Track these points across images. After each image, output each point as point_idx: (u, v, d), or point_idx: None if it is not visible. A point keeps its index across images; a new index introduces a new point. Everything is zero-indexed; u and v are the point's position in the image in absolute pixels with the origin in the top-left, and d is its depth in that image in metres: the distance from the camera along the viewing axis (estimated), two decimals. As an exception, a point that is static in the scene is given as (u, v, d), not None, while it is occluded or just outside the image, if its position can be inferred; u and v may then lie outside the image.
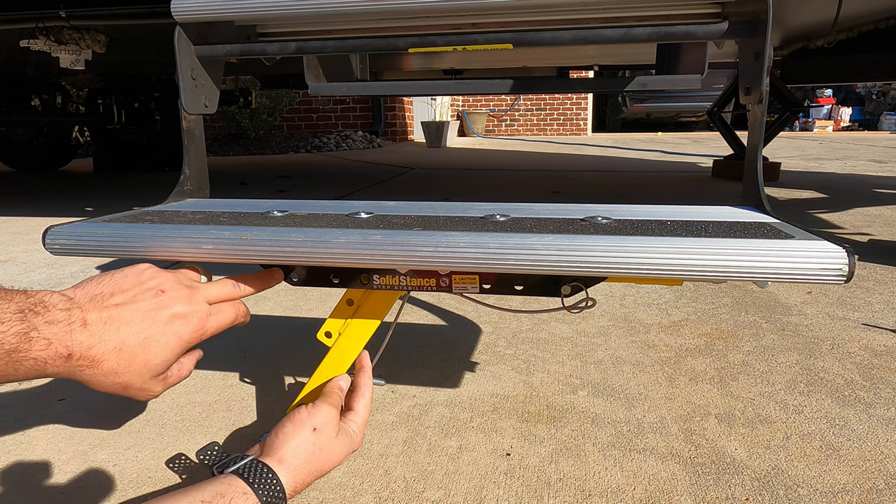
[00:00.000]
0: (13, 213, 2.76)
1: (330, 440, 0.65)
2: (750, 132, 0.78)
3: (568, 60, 2.24)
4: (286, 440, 0.62)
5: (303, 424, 0.64)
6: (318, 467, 0.63)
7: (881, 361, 1.07)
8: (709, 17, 0.89)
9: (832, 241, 0.55)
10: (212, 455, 0.66)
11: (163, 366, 0.59)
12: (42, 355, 0.50)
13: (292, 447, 0.61)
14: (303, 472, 0.61)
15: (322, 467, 0.64)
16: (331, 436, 0.65)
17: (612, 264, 0.57)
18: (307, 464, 0.62)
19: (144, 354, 0.57)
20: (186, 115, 0.89)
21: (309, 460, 0.62)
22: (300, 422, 0.64)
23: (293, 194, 3.25)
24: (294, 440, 0.62)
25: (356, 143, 7.06)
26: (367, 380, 0.76)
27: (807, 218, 2.40)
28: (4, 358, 0.48)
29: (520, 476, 0.75)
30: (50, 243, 0.70)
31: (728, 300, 1.41)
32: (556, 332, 1.22)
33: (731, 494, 0.71)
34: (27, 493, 0.74)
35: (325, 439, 0.64)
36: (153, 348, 0.57)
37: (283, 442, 0.62)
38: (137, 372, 0.57)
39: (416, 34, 0.92)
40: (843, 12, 2.03)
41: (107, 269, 1.88)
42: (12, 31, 2.25)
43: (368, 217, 0.77)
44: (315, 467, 0.63)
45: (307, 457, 0.62)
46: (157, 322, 0.58)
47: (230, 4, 0.87)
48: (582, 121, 9.23)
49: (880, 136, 8.36)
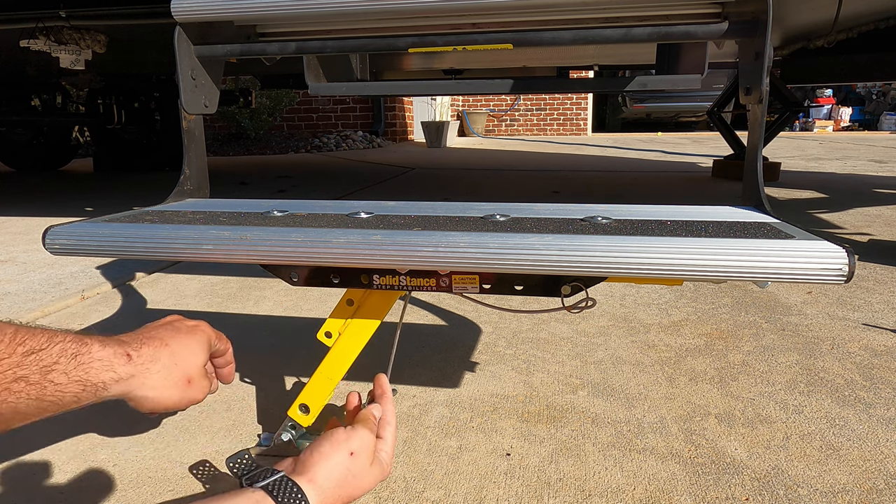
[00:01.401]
0: (13, 213, 2.76)
1: (365, 467, 0.62)
2: (750, 132, 0.78)
3: (568, 60, 2.24)
4: (321, 460, 0.59)
5: (339, 446, 0.61)
6: (349, 493, 0.60)
7: (881, 361, 1.07)
8: (709, 17, 0.89)
9: (832, 241, 0.55)
10: (242, 464, 0.64)
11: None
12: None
13: (326, 469, 0.59)
14: (332, 496, 0.59)
15: (352, 493, 0.61)
16: (366, 462, 0.63)
17: (612, 264, 0.57)
18: (338, 488, 0.59)
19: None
20: (186, 115, 0.89)
21: (341, 484, 0.59)
22: (337, 443, 0.61)
23: (293, 194, 3.25)
24: (329, 461, 0.60)
25: (356, 143, 7.06)
26: (390, 406, 0.73)
27: (807, 218, 2.40)
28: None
29: (520, 476, 0.75)
30: (50, 243, 0.70)
31: (728, 300, 1.41)
32: (556, 332, 1.22)
33: (731, 494, 0.71)
34: (27, 493, 0.74)
35: (361, 465, 0.62)
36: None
37: (317, 461, 0.59)
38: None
39: (416, 34, 0.92)
40: (843, 12, 2.03)
41: (107, 269, 1.87)
42: (12, 31, 2.25)
43: (368, 217, 0.77)
44: (345, 492, 0.60)
45: (339, 481, 0.59)
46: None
47: (230, 4, 0.87)
48: (582, 121, 9.23)
49: (880, 136, 8.35)
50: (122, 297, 1.51)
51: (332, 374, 0.78)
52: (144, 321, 0.69)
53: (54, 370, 0.51)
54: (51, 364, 0.51)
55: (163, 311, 1.39)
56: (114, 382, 0.56)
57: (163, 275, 1.71)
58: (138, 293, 1.54)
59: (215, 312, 1.38)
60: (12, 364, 0.48)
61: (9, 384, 0.48)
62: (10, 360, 0.48)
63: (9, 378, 0.48)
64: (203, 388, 0.68)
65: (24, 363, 0.49)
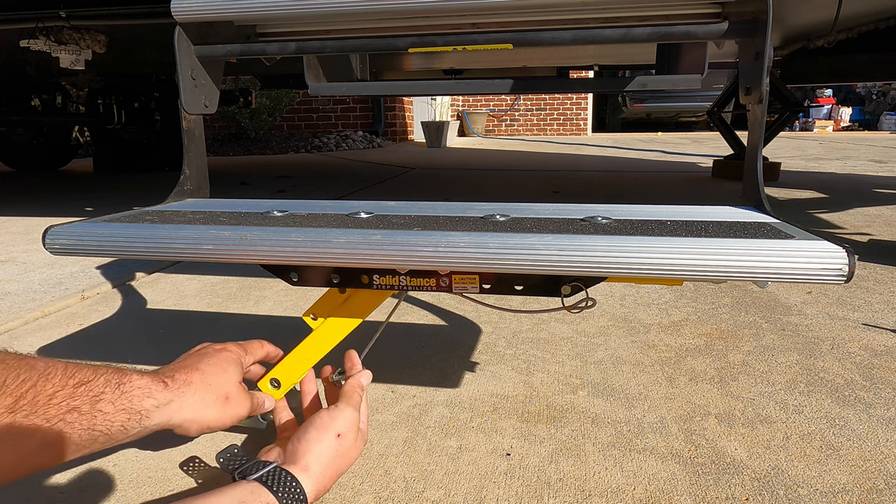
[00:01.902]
0: (13, 213, 2.76)
1: (351, 444, 0.65)
2: (750, 132, 0.78)
3: (568, 60, 2.24)
4: (310, 447, 0.62)
5: (326, 430, 0.63)
6: (338, 470, 0.64)
7: (881, 361, 1.07)
8: (709, 17, 0.89)
9: (832, 241, 0.55)
10: (232, 459, 0.66)
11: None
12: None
13: (315, 454, 0.61)
14: (325, 478, 0.61)
15: (341, 469, 0.64)
16: (352, 440, 0.65)
17: (612, 264, 0.57)
18: (329, 469, 0.62)
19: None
20: (186, 115, 0.89)
21: (331, 466, 0.62)
22: (323, 427, 0.64)
23: (293, 194, 3.25)
24: (318, 446, 0.62)
25: (356, 143, 7.06)
26: (363, 377, 0.76)
27: (807, 218, 2.40)
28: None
29: (520, 476, 0.75)
30: (50, 243, 0.70)
31: (728, 300, 1.41)
32: (556, 332, 1.22)
33: (731, 494, 0.71)
34: (27, 493, 0.74)
35: (348, 444, 0.65)
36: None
37: (306, 449, 0.61)
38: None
39: (416, 34, 0.92)
40: (843, 12, 2.03)
41: (107, 269, 1.86)
42: (12, 31, 2.25)
43: (368, 217, 0.77)
44: (336, 471, 0.63)
45: (329, 462, 0.62)
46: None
47: (230, 4, 0.87)
48: (582, 121, 9.23)
49: (880, 136, 8.35)
50: (122, 297, 1.51)
51: (310, 355, 0.79)
52: (144, 321, 0.70)
53: (102, 399, 0.53)
54: (98, 394, 0.53)
55: (163, 311, 1.39)
56: (154, 409, 0.58)
57: (163, 275, 1.71)
58: (138, 293, 1.54)
59: (215, 312, 1.38)
60: (66, 396, 0.50)
61: (64, 415, 0.50)
62: (63, 392, 0.50)
63: (64, 409, 0.50)
64: (244, 404, 0.70)
65: (76, 394, 0.51)
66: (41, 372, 0.50)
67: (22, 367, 0.49)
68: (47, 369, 0.50)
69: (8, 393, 0.46)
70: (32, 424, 0.47)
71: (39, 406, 0.48)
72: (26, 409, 0.47)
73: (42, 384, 0.49)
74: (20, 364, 0.49)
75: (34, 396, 0.48)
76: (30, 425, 0.47)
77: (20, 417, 0.47)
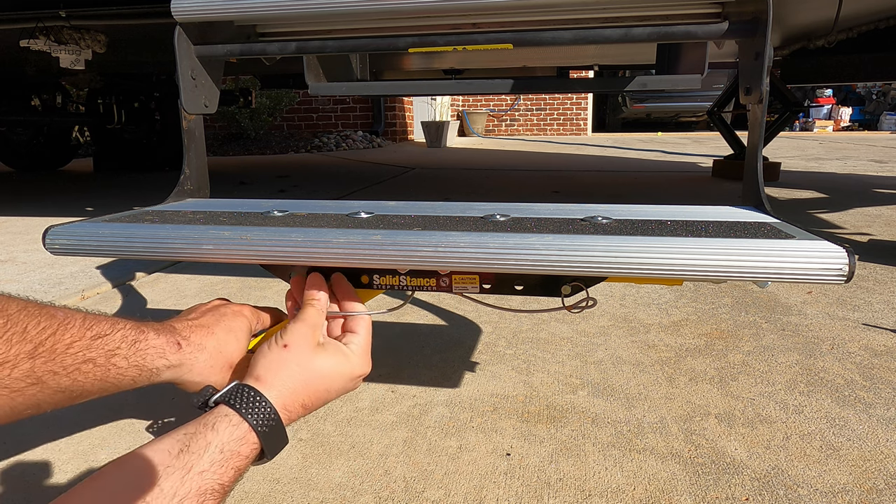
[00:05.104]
0: (13, 213, 2.76)
1: (307, 356, 0.62)
2: (750, 132, 0.78)
3: (568, 60, 2.24)
4: (258, 359, 0.61)
5: (271, 344, 0.63)
6: (307, 387, 0.61)
7: (881, 361, 1.07)
8: (709, 17, 0.89)
9: (832, 241, 0.55)
10: (202, 394, 0.65)
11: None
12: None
13: (264, 364, 0.61)
14: (288, 391, 0.60)
15: (313, 386, 0.62)
16: (306, 350, 0.63)
17: (612, 264, 0.57)
18: (290, 381, 0.60)
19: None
20: (186, 115, 0.89)
21: (291, 377, 0.60)
22: (270, 341, 0.63)
23: (293, 194, 3.25)
24: (265, 358, 0.61)
25: (356, 143, 7.06)
26: (357, 304, 0.72)
27: (807, 218, 2.40)
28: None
29: (520, 476, 0.75)
30: (50, 243, 0.70)
31: (728, 300, 1.41)
32: (556, 332, 1.22)
33: (731, 494, 0.71)
34: (27, 493, 0.74)
35: (301, 355, 0.62)
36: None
37: (255, 361, 0.61)
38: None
39: (416, 34, 0.92)
40: (844, 12, 2.03)
41: (107, 269, 1.86)
42: (12, 31, 2.25)
43: (368, 217, 0.77)
44: (302, 387, 0.61)
45: (287, 374, 0.60)
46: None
47: (230, 4, 0.87)
48: (582, 121, 9.23)
49: (880, 136, 8.35)
50: (122, 297, 1.51)
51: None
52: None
53: (117, 354, 0.55)
54: (114, 349, 0.55)
55: (163, 311, 1.39)
56: (165, 369, 0.60)
57: (163, 275, 1.71)
58: (138, 293, 1.54)
59: (215, 312, 1.38)
60: (83, 347, 0.52)
61: (79, 364, 0.52)
62: (80, 343, 0.52)
63: (79, 359, 0.52)
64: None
65: (92, 346, 0.53)
66: (61, 321, 0.52)
67: (43, 315, 0.50)
68: (66, 319, 0.52)
69: (28, 339, 0.48)
70: (50, 370, 0.49)
71: (57, 354, 0.50)
72: (44, 356, 0.49)
73: (61, 333, 0.51)
74: (41, 312, 0.51)
75: (53, 345, 0.50)
76: (47, 371, 0.49)
77: (39, 363, 0.49)
